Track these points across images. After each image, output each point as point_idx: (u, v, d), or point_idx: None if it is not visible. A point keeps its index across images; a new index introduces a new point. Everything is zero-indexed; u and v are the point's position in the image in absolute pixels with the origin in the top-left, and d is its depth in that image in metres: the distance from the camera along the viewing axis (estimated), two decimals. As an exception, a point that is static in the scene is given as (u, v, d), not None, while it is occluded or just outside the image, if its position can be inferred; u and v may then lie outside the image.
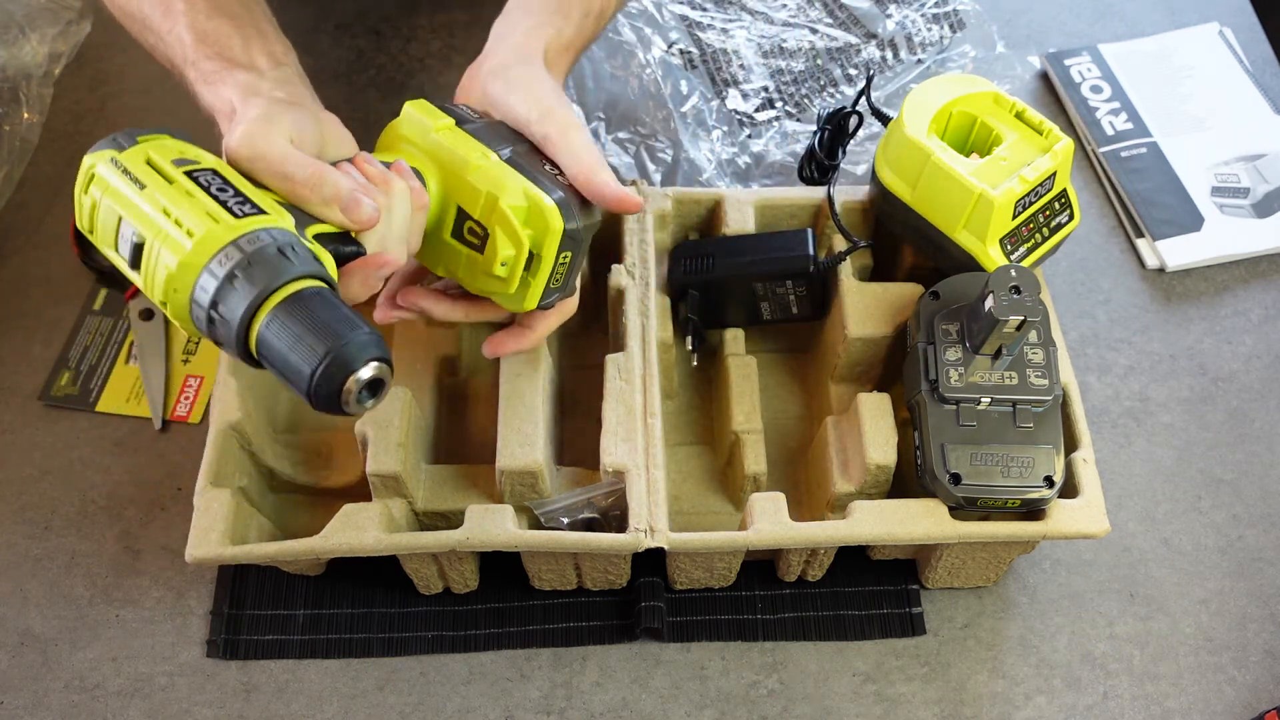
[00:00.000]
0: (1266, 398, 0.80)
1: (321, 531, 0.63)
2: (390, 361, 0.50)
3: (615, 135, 0.88)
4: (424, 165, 0.60)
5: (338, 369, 0.47)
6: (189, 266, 0.48)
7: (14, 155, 0.87)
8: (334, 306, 0.49)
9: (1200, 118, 0.93)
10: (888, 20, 0.92)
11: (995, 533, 0.63)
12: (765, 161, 0.87)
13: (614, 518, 0.66)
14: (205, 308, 0.48)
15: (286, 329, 0.48)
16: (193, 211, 0.49)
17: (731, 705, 0.67)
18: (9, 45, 0.90)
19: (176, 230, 0.48)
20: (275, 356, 0.48)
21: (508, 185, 0.59)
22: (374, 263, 0.55)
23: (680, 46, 0.90)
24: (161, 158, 0.51)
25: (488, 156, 0.59)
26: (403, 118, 0.62)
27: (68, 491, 0.75)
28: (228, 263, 0.48)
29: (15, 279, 0.84)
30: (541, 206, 0.59)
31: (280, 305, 0.48)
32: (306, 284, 0.49)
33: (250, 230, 0.49)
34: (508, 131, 0.63)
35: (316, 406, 0.48)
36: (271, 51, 0.63)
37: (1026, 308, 0.60)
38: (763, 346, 0.79)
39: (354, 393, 0.48)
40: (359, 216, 0.54)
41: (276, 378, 0.49)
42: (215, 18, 0.63)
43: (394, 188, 0.57)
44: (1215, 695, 0.68)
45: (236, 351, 0.49)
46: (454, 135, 0.61)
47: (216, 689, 0.68)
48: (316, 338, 0.47)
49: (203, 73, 0.61)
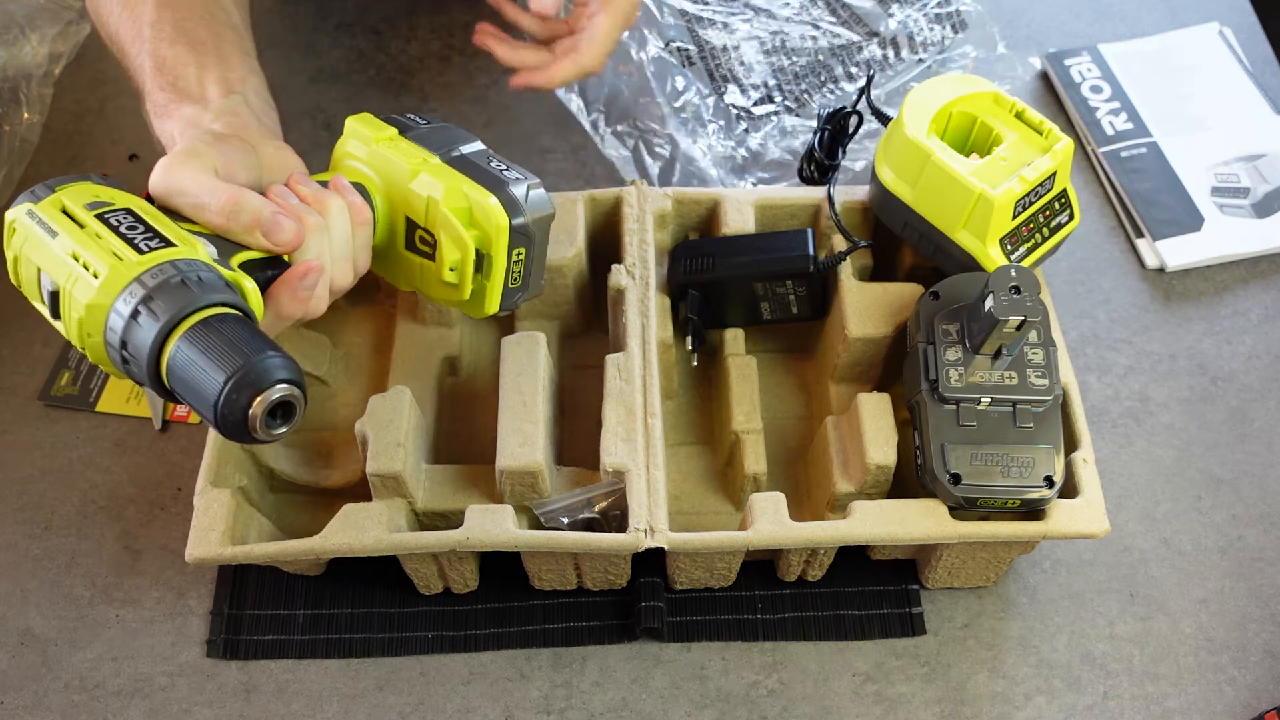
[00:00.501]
0: (1266, 398, 0.80)
1: (321, 531, 0.63)
2: (303, 386, 0.48)
3: (615, 129, 0.88)
4: (368, 180, 0.59)
5: (242, 391, 0.46)
6: (96, 308, 0.48)
7: (14, 155, 0.87)
8: (242, 330, 0.48)
9: (1200, 118, 0.93)
10: (889, 19, 0.92)
11: (995, 533, 0.63)
12: (764, 158, 0.87)
13: (614, 518, 0.66)
14: (117, 348, 0.48)
15: (190, 358, 0.47)
16: (99, 253, 0.48)
17: (731, 705, 0.67)
18: (9, 45, 0.90)
19: (85, 274, 0.48)
20: (183, 386, 0.47)
21: (448, 188, 0.57)
22: (296, 274, 0.54)
23: (678, 44, 0.90)
24: (75, 203, 0.50)
25: (429, 161, 0.58)
26: (345, 133, 0.61)
27: (68, 491, 0.75)
28: (132, 300, 0.47)
29: (15, 279, 0.84)
30: (485, 206, 0.57)
31: (186, 334, 0.47)
32: (215, 311, 0.48)
33: (155, 264, 0.48)
34: (457, 133, 0.61)
35: (226, 433, 0.47)
36: (227, 79, 0.62)
37: (1026, 308, 0.60)
38: (763, 346, 0.79)
39: (260, 417, 0.47)
40: (280, 239, 0.53)
41: (191, 409, 0.48)
42: (177, 44, 0.62)
43: (329, 205, 0.56)
44: (1215, 695, 0.68)
45: (151, 385, 0.48)
46: (395, 145, 0.59)
47: (216, 689, 0.68)
48: (221, 361, 0.47)
49: (155, 104, 0.61)
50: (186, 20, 0.63)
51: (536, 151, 0.91)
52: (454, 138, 0.61)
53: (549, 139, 0.92)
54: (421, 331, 0.75)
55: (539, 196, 0.60)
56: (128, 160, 0.91)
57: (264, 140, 0.59)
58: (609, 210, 0.76)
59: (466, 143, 0.61)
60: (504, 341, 0.69)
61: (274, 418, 0.48)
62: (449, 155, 0.59)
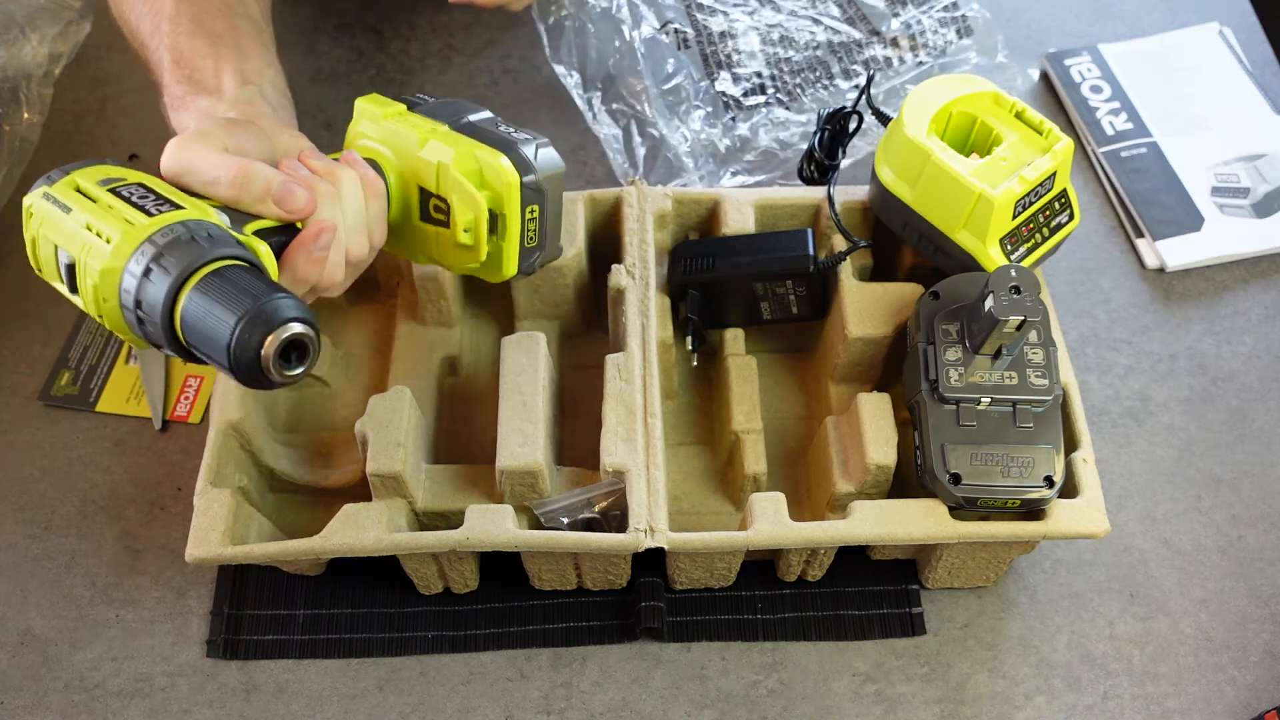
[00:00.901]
0: (1266, 398, 0.80)
1: (321, 531, 0.63)
2: (315, 325, 0.49)
3: (609, 107, 0.88)
4: (380, 155, 0.60)
5: (255, 329, 0.47)
6: (110, 271, 0.49)
7: (14, 155, 0.87)
8: (254, 278, 0.49)
9: (1200, 118, 0.93)
10: (894, 19, 0.92)
11: (995, 533, 0.63)
12: (749, 148, 0.86)
13: (614, 518, 0.66)
14: (132, 309, 0.49)
15: (202, 305, 0.48)
16: (111, 221, 0.49)
17: (731, 705, 0.67)
18: (9, 45, 0.90)
19: (98, 241, 0.49)
20: (197, 336, 0.48)
21: (457, 151, 0.59)
22: (310, 234, 0.54)
23: (675, 26, 0.90)
24: (88, 181, 0.52)
25: (437, 130, 0.59)
26: (355, 114, 0.62)
27: (68, 491, 0.75)
28: (144, 259, 0.48)
29: (15, 279, 0.84)
30: (495, 165, 0.58)
31: (198, 284, 0.48)
32: (226, 263, 0.49)
33: (164, 225, 0.49)
34: (464, 105, 0.62)
35: (240, 378, 0.48)
36: (243, 71, 0.63)
37: (1026, 308, 0.60)
38: (763, 346, 0.79)
39: (272, 357, 0.47)
40: (292, 206, 0.54)
41: (209, 363, 0.49)
42: (195, 36, 0.63)
43: (341, 175, 0.57)
44: (1215, 695, 0.68)
45: (168, 344, 0.49)
46: (403, 118, 0.61)
47: (216, 689, 0.68)
48: (234, 303, 0.47)
49: (172, 97, 0.62)
50: (204, 14, 0.64)
51: (536, 151, 0.91)
52: (461, 109, 0.62)
53: (549, 139, 0.92)
54: (421, 331, 0.75)
55: (548, 155, 0.61)
56: (127, 160, 0.91)
57: (278, 128, 0.60)
58: (609, 210, 0.76)
59: (474, 112, 0.62)
60: (504, 341, 0.69)
61: (286, 359, 0.49)
62: (458, 123, 0.60)
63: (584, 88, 0.88)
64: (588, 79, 0.89)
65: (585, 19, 0.88)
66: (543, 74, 0.95)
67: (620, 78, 0.88)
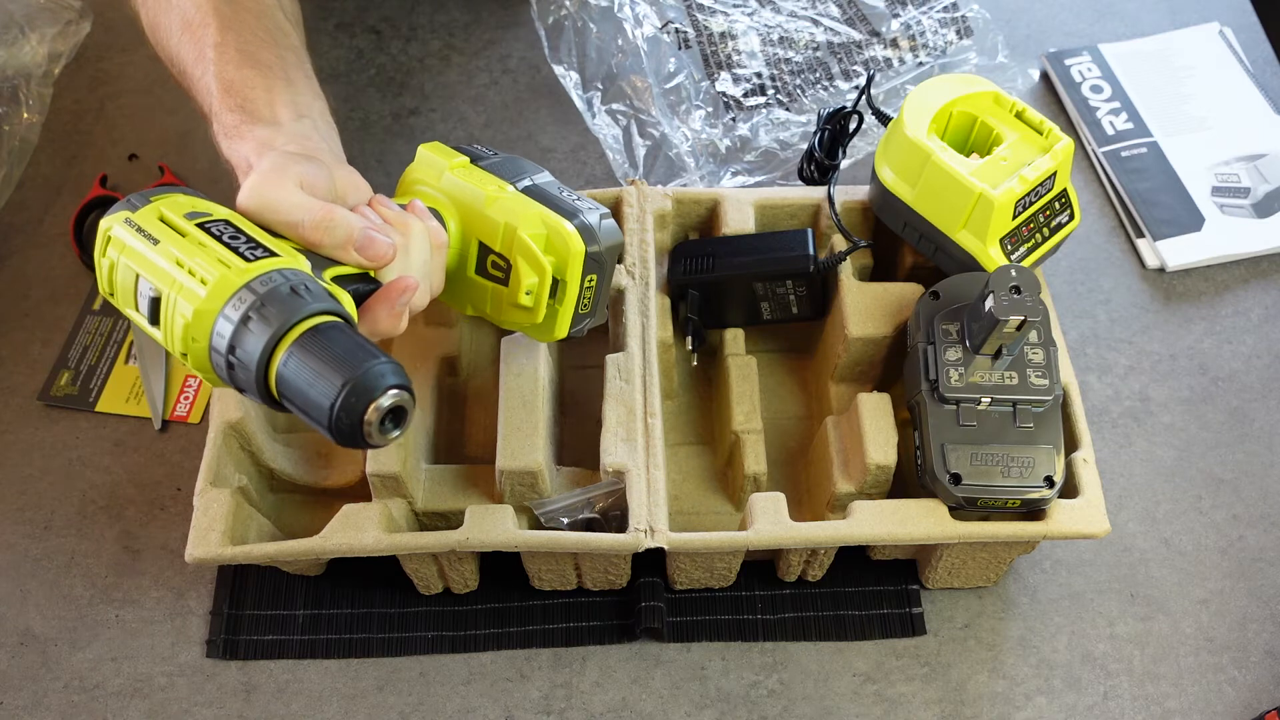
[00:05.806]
0: (1266, 398, 0.80)
1: (321, 531, 0.63)
2: (411, 390, 0.49)
3: (609, 107, 0.88)
4: (441, 205, 0.61)
5: (357, 398, 0.47)
6: (204, 314, 0.48)
7: (14, 155, 0.87)
8: (351, 338, 0.49)
9: (1200, 118, 0.93)
10: (894, 20, 0.92)
11: (995, 533, 0.63)
12: (749, 148, 0.86)
13: (614, 518, 0.66)
14: (224, 353, 0.48)
15: (304, 364, 0.48)
16: (206, 260, 0.49)
17: (731, 705, 0.67)
18: (9, 45, 0.90)
19: (190, 280, 0.48)
20: (294, 393, 0.48)
21: (526, 215, 0.59)
22: (395, 289, 0.55)
23: (676, 25, 0.90)
24: (174, 213, 0.51)
25: (504, 189, 0.60)
26: (417, 161, 0.63)
27: (68, 491, 0.75)
28: (242, 305, 0.48)
29: (15, 279, 0.84)
30: (562, 232, 0.59)
31: (297, 341, 0.48)
32: (323, 319, 0.49)
33: (263, 272, 0.49)
34: (526, 164, 0.63)
35: (340, 440, 0.48)
36: (296, 103, 0.62)
37: (1026, 308, 0.60)
38: (763, 346, 0.79)
39: (375, 423, 0.48)
40: (374, 254, 0.54)
41: (299, 417, 0.49)
42: (244, 67, 0.62)
43: (411, 228, 0.57)
44: (1215, 695, 0.68)
45: (258, 394, 0.49)
46: (469, 172, 0.61)
47: (216, 689, 0.68)
48: (335, 369, 0.47)
49: (224, 126, 0.61)
50: (250, 43, 0.63)
51: (536, 151, 0.91)
52: (524, 168, 0.63)
53: (549, 139, 0.92)
54: (421, 331, 0.75)
55: (610, 226, 0.62)
56: (127, 160, 0.91)
57: (336, 163, 0.60)
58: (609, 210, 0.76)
59: (536, 173, 0.63)
60: (504, 341, 0.69)
61: (386, 423, 0.49)
62: (522, 184, 0.61)
63: (584, 87, 0.88)
64: (587, 79, 0.89)
65: (586, 18, 0.88)
66: (543, 74, 0.95)
67: (622, 76, 0.88)
